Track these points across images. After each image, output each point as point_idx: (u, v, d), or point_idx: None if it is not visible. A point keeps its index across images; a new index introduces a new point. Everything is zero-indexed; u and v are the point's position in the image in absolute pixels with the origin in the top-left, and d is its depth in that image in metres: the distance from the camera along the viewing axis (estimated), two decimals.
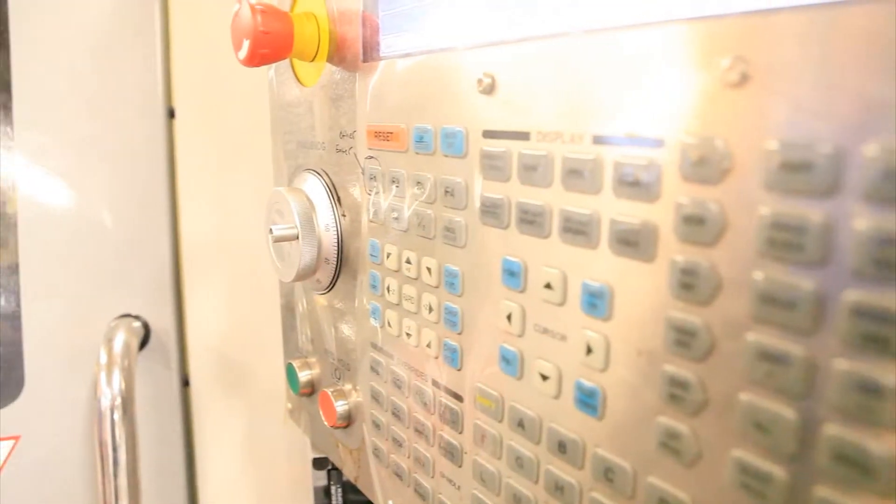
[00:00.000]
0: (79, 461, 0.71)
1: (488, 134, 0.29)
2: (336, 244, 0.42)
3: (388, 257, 0.37)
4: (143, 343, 0.71)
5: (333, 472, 0.57)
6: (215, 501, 0.75)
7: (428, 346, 0.35)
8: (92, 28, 0.70)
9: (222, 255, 0.71)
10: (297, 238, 0.42)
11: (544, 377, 0.27)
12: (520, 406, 0.29)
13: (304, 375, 0.51)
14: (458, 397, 0.33)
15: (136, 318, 0.71)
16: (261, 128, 0.71)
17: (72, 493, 0.71)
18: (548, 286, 0.26)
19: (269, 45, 0.40)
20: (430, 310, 0.34)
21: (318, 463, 0.56)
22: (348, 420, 0.46)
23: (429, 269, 0.34)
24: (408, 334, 0.36)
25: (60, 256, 0.70)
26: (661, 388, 0.22)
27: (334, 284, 0.44)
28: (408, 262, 0.35)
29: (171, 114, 0.73)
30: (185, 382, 0.74)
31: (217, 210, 0.71)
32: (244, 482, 0.73)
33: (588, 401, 0.25)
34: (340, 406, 0.45)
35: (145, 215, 0.72)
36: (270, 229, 0.41)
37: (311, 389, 0.51)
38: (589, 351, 0.25)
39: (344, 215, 0.42)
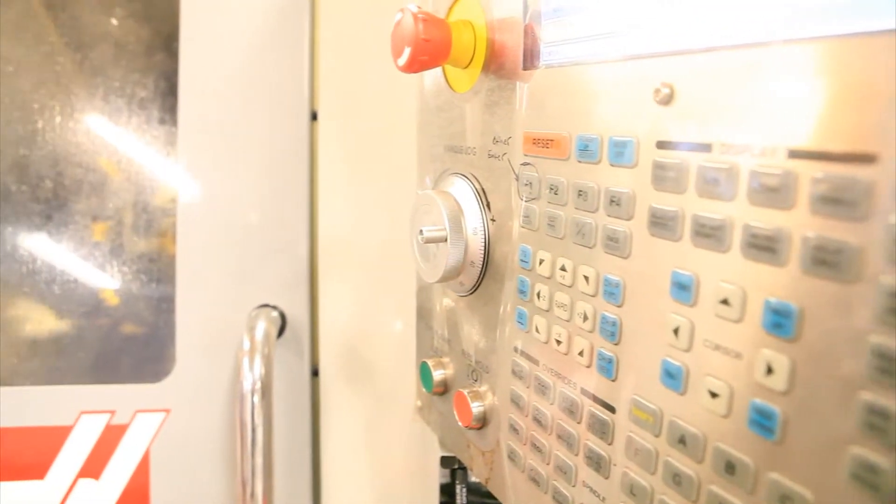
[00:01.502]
0: (219, 437, 0.76)
1: (663, 145, 0.28)
2: (483, 248, 0.43)
3: (540, 263, 0.37)
4: (280, 332, 0.75)
5: (459, 471, 0.58)
6: (337, 488, 0.78)
7: (580, 354, 0.35)
8: (246, 37, 0.76)
9: (357, 252, 0.74)
10: (446, 240, 0.43)
11: (713, 394, 0.27)
12: (682, 422, 0.28)
13: (437, 374, 0.52)
14: (610, 408, 0.33)
15: (274, 308, 0.76)
16: (399, 131, 0.74)
17: (212, 467, 0.77)
18: (724, 302, 0.26)
19: (429, 52, 0.41)
20: (585, 318, 0.34)
21: (445, 461, 0.57)
22: (483, 422, 0.46)
23: (586, 278, 0.34)
24: (557, 341, 0.37)
25: (210, 248, 0.75)
26: (857, 416, 0.21)
27: (477, 287, 0.45)
28: (562, 269, 0.35)
29: (313, 116, 0.77)
30: (315, 372, 0.78)
31: (353, 209, 0.74)
32: (366, 472, 0.76)
33: (764, 422, 0.25)
34: (476, 407, 0.46)
35: (286, 212, 0.76)
36: (420, 230, 0.43)
37: (444, 389, 0.53)
38: (769, 371, 0.24)
39: (493, 220, 0.42)
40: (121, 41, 0.80)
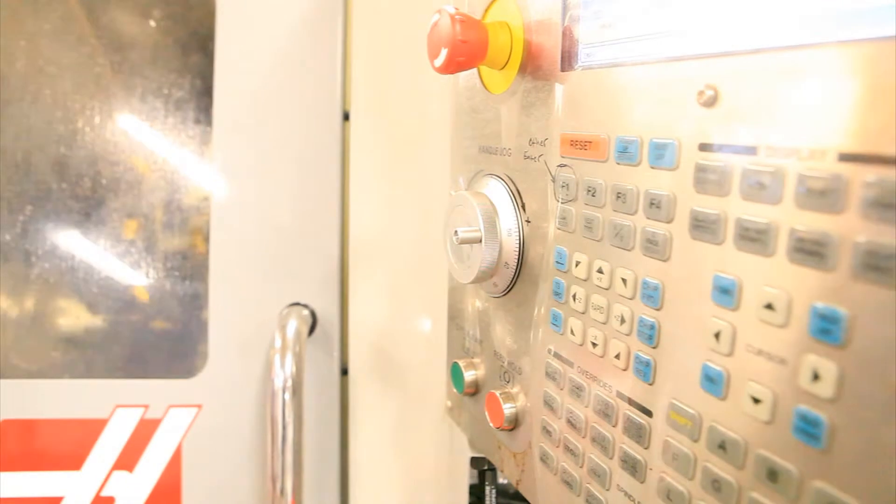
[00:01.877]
0: (249, 434, 0.77)
1: (705, 147, 0.28)
2: (517, 249, 0.43)
3: (576, 265, 0.37)
4: (311, 331, 0.76)
5: (488, 472, 0.58)
6: (365, 487, 0.78)
7: (616, 357, 0.35)
8: (280, 38, 0.77)
9: (387, 251, 0.74)
10: (480, 241, 0.43)
11: (756, 400, 0.26)
12: (722, 427, 0.28)
13: (469, 375, 0.52)
14: (647, 412, 0.33)
15: (305, 306, 0.76)
16: (430, 131, 0.74)
17: (243, 462, 0.78)
18: (768, 306, 0.25)
19: (466, 53, 0.41)
20: (622, 321, 0.34)
21: (475, 462, 0.57)
22: (515, 423, 0.46)
23: (624, 280, 0.33)
24: (593, 343, 0.36)
25: (242, 247, 0.76)
26: None
27: (511, 289, 0.45)
28: (599, 271, 0.35)
29: (345, 117, 0.77)
30: (344, 371, 0.78)
31: (384, 208, 0.74)
32: (394, 472, 0.76)
33: (810, 430, 0.24)
34: (508, 409, 0.46)
35: (318, 212, 0.77)
36: (455, 231, 0.43)
37: (475, 389, 0.53)
38: (815, 378, 0.24)
39: (528, 221, 0.42)
40: (158, 43, 0.81)
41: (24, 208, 0.80)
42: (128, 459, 0.78)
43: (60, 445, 0.77)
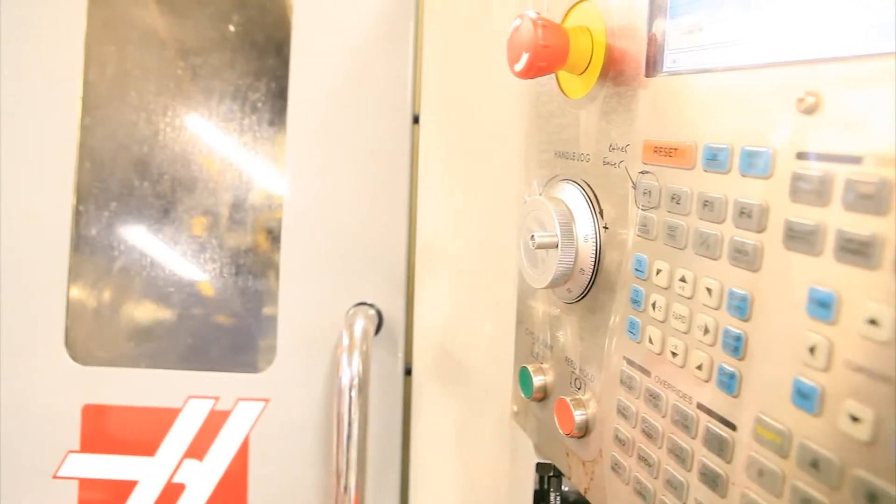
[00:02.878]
0: (314, 429, 0.79)
1: (804, 155, 0.27)
2: (594, 255, 0.43)
3: (657, 273, 0.37)
4: (376, 330, 0.77)
5: (553, 479, 0.57)
6: (425, 487, 0.79)
7: (698, 368, 0.34)
8: (353, 42, 0.78)
9: (454, 253, 0.74)
10: (556, 246, 0.43)
11: (855, 419, 0.25)
12: (814, 445, 0.27)
13: (537, 380, 0.52)
14: (731, 425, 0.32)
15: (371, 306, 0.78)
16: (500, 135, 0.74)
17: (307, 457, 0.79)
18: (872, 322, 0.24)
19: (547, 58, 0.41)
20: (706, 331, 0.33)
21: (541, 468, 0.56)
22: (585, 430, 0.46)
23: (708, 290, 0.33)
24: (673, 353, 0.36)
25: (312, 246, 0.78)
26: None
27: (585, 295, 0.45)
28: (682, 280, 0.35)
29: (415, 119, 0.78)
30: (408, 371, 0.79)
31: (452, 211, 0.75)
32: (454, 473, 0.76)
33: None
34: (579, 415, 0.46)
35: (386, 213, 0.78)
36: (532, 236, 0.43)
37: (543, 395, 0.52)
38: None
39: (606, 227, 0.42)
40: (236, 47, 0.84)
41: (109, 204, 0.84)
42: (198, 448, 0.80)
43: (136, 432, 0.81)
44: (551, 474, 0.57)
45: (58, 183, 0.81)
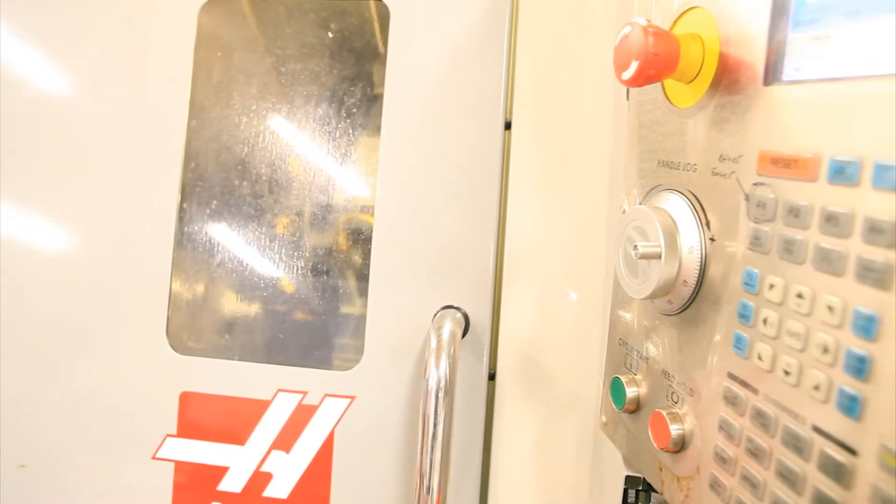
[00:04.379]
0: (398, 428, 0.80)
1: None
2: (698, 267, 0.42)
3: (769, 288, 0.36)
4: (463, 334, 0.78)
5: (642, 493, 0.56)
6: (505, 493, 0.79)
7: (815, 388, 0.33)
8: (449, 48, 0.79)
9: (542, 260, 0.74)
10: (660, 257, 0.42)
11: None
12: None
13: (630, 392, 0.51)
14: (851, 450, 0.31)
15: (458, 309, 0.78)
16: (592, 143, 0.74)
17: (390, 455, 0.81)
18: None
19: (657, 66, 0.41)
20: (825, 350, 0.32)
21: (630, 481, 0.56)
22: (681, 445, 0.45)
23: (830, 308, 0.32)
24: (785, 371, 0.35)
25: (403, 248, 0.80)
26: None
27: (687, 307, 0.44)
28: (799, 296, 0.34)
29: (507, 125, 0.79)
30: (491, 376, 0.80)
31: (542, 217, 0.75)
32: (535, 481, 0.76)
33: None
34: (675, 430, 0.45)
35: (476, 217, 0.79)
36: (635, 245, 0.42)
37: (636, 407, 0.52)
38: None
39: (712, 239, 0.41)
40: (334, 53, 0.87)
41: (211, 203, 0.88)
42: (285, 440, 0.83)
43: (229, 420, 0.84)
44: (640, 488, 0.56)
45: (166, 181, 0.86)
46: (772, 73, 0.36)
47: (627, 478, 0.56)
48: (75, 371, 0.86)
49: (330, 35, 0.87)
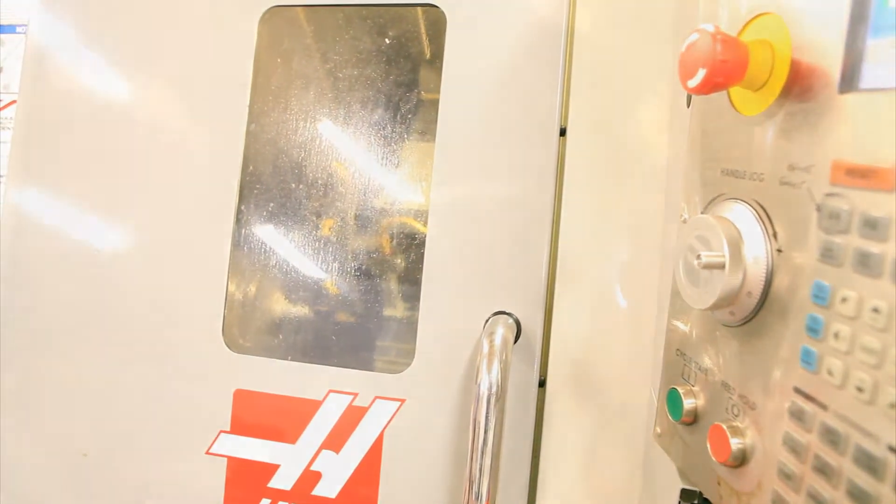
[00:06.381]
0: (447, 433, 0.81)
1: None
2: (764, 278, 0.41)
3: (842, 301, 0.35)
4: (514, 340, 0.77)
5: None
6: (552, 499, 0.78)
7: (891, 406, 0.32)
8: (505, 55, 0.79)
9: (595, 268, 0.74)
10: (724, 267, 0.41)
11: None
12: None
13: (688, 403, 0.50)
14: None
15: (510, 315, 0.78)
16: (648, 151, 0.73)
17: (438, 459, 0.81)
18: None
19: (725, 73, 0.40)
20: None
21: (686, 494, 0.55)
22: (742, 460, 0.44)
23: None
24: (859, 388, 0.34)
25: (455, 253, 0.80)
26: None
27: (751, 319, 0.43)
28: (875, 310, 0.32)
29: (562, 132, 0.78)
30: (541, 383, 0.79)
31: (595, 225, 0.74)
32: (584, 490, 0.75)
33: None
34: (735, 444, 0.44)
35: (529, 224, 0.78)
36: (699, 255, 0.42)
37: (693, 419, 0.51)
38: None
39: (779, 250, 0.40)
40: (391, 59, 0.88)
41: (267, 205, 0.90)
42: (335, 440, 0.84)
43: (280, 419, 0.86)
44: (696, 502, 0.55)
45: (225, 184, 0.88)
46: (848, 81, 0.35)
47: (683, 491, 0.55)
48: (137, 366, 0.89)
49: (387, 41, 0.89)
